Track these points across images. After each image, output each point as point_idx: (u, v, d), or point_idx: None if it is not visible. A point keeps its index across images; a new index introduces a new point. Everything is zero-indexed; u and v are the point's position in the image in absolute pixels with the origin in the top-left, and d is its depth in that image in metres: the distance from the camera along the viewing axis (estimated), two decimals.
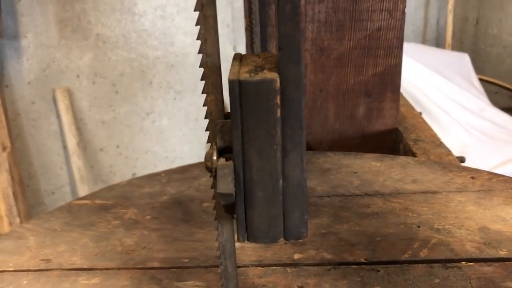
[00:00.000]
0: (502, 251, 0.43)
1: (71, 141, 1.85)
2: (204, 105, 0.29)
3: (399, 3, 0.75)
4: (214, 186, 0.29)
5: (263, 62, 0.27)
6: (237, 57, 0.29)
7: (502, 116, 1.87)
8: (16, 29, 1.74)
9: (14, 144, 1.80)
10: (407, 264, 0.43)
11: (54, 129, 1.89)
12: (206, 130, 0.29)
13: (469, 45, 2.62)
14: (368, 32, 0.76)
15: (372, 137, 0.81)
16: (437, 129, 1.75)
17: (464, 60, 2.10)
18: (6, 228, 1.68)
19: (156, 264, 0.44)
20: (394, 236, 0.47)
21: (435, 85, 1.85)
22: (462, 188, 0.55)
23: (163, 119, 2.06)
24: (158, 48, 1.97)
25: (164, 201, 0.56)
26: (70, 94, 1.86)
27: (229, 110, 0.27)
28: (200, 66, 0.29)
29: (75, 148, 1.86)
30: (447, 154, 0.69)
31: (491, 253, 0.43)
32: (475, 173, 0.59)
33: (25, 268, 0.45)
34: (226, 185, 0.26)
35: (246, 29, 0.83)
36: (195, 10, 0.30)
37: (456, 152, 1.72)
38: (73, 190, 1.99)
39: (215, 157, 0.27)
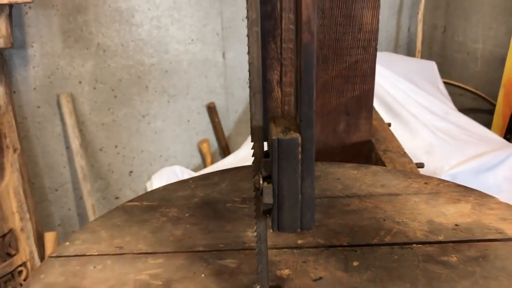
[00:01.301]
0: (441, 236, 0.63)
1: (75, 143, 2.00)
2: (252, 148, 0.47)
3: (372, 42, 0.94)
4: (258, 198, 0.47)
5: (289, 124, 0.45)
6: (271, 119, 0.47)
7: (464, 119, 2.07)
8: (23, 39, 1.87)
9: (21, 145, 1.94)
10: (376, 246, 0.62)
11: (58, 131, 2.03)
12: (252, 163, 0.47)
13: (437, 51, 2.82)
14: (347, 64, 0.95)
15: (350, 148, 1.00)
16: (407, 131, 1.95)
17: (431, 67, 2.30)
18: (17, 223, 1.82)
19: (201, 248, 0.62)
20: (367, 226, 0.66)
21: (405, 91, 2.04)
22: (417, 191, 0.75)
23: (158, 121, 2.22)
24: (154, 56, 2.12)
25: (196, 202, 0.74)
26: (73, 99, 2.00)
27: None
28: (251, 129, 0.47)
29: (78, 149, 2.01)
30: (409, 163, 0.89)
31: (433, 238, 0.63)
32: (428, 179, 0.78)
33: (105, 253, 0.62)
34: (268, 198, 0.45)
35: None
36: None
37: (423, 152, 1.92)
38: (75, 187, 2.14)
39: (261, 181, 0.45)
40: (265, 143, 0.48)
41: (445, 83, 2.63)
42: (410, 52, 2.82)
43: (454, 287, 0.53)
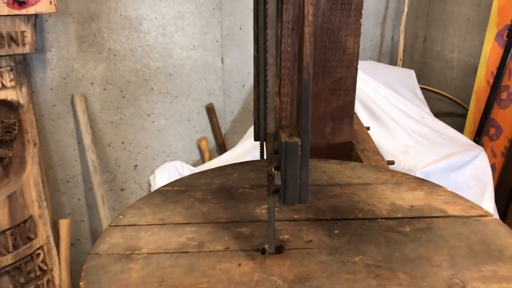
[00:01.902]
0: (399, 214, 0.85)
1: (87, 138, 2.20)
2: (266, 148, 0.69)
3: (353, 62, 1.16)
4: (269, 181, 0.69)
5: (292, 131, 0.67)
6: (280, 128, 0.69)
7: (438, 123, 2.29)
8: (42, 44, 2.06)
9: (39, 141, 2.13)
10: (351, 220, 0.84)
11: (71, 128, 2.23)
12: (266, 158, 0.69)
13: (418, 59, 3.05)
14: (333, 79, 1.17)
15: (335, 147, 1.22)
16: (386, 133, 2.18)
17: (410, 75, 2.52)
18: (36, 210, 2.01)
19: (223, 220, 0.83)
20: (346, 207, 0.88)
21: (385, 97, 2.25)
22: (385, 181, 0.97)
23: (161, 120, 2.42)
24: (159, 60, 2.32)
25: (215, 187, 0.95)
26: (85, 99, 2.20)
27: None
28: (266, 134, 0.68)
29: (90, 144, 2.20)
30: (381, 160, 1.11)
31: (393, 215, 0.85)
32: (393, 173, 1.00)
33: (151, 223, 0.84)
34: (278, 181, 0.66)
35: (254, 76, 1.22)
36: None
37: (400, 152, 2.14)
38: (84, 179, 2.33)
39: (273, 170, 0.67)
40: (255, 142, 0.70)
41: (424, 88, 2.85)
42: (392, 59, 3.05)
43: (405, 247, 0.75)
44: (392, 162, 1.17)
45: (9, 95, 1.85)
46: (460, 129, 2.58)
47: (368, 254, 0.73)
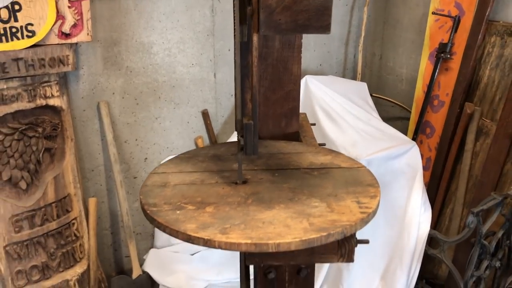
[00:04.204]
0: (313, 166, 1.49)
1: (109, 136, 2.82)
2: (237, 124, 1.33)
3: (297, 81, 1.80)
4: (239, 143, 1.34)
5: (249, 118, 1.32)
6: (245, 117, 1.33)
7: (382, 124, 2.89)
8: (77, 64, 2.70)
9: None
10: (287, 169, 1.47)
11: (96, 128, 2.85)
12: (237, 129, 1.33)
13: (375, 73, 3.68)
14: (285, 91, 1.81)
15: (288, 136, 1.85)
16: (340, 131, 2.81)
17: (363, 87, 3.13)
18: (72, 190, 2.63)
19: (215, 170, 1.47)
20: (284, 163, 1.51)
21: (341, 104, 2.82)
22: (310, 152, 1.61)
23: (166, 122, 3.04)
24: (165, 75, 2.93)
25: (210, 155, 1.59)
26: (108, 105, 2.83)
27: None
28: (236, 120, 1.33)
29: (111, 140, 2.83)
30: (314, 141, 1.75)
31: (309, 167, 1.49)
32: (317, 148, 1.65)
33: (175, 171, 1.47)
34: (242, 142, 1.31)
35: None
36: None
37: (349, 145, 2.80)
38: (106, 169, 2.95)
39: (240, 137, 1.31)
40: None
41: (380, 98, 3.47)
42: (355, 73, 3.67)
43: (311, 181, 1.39)
44: (323, 144, 1.81)
45: (56, 102, 2.48)
46: (407, 130, 3.23)
47: (291, 183, 1.38)
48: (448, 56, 2.83)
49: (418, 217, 2.67)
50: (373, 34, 3.51)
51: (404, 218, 2.68)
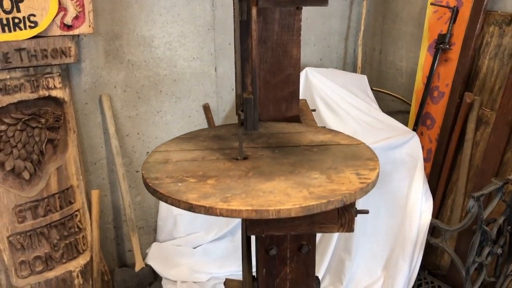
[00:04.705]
0: (313, 144, 1.51)
1: (111, 129, 2.84)
2: (237, 98, 1.35)
3: (297, 64, 1.82)
4: (239, 118, 1.35)
5: (249, 93, 1.34)
6: (246, 92, 1.35)
7: (382, 114, 2.92)
8: (80, 57, 2.72)
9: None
10: (287, 147, 1.49)
11: (98, 121, 2.86)
12: (238, 103, 1.35)
13: (375, 67, 3.70)
14: (284, 75, 1.83)
15: (288, 118, 1.87)
16: (340, 121, 2.83)
17: (363, 79, 3.16)
18: (75, 181, 2.65)
19: (215, 148, 1.49)
20: (285, 141, 1.53)
21: (341, 95, 2.86)
22: (311, 131, 1.63)
23: (168, 116, 3.04)
24: (166, 69, 2.95)
25: (211, 135, 1.61)
26: (110, 98, 2.85)
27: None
28: (237, 95, 1.35)
29: (114, 134, 2.85)
30: (313, 122, 1.77)
31: (310, 144, 1.51)
32: (317, 127, 1.67)
33: (176, 149, 1.49)
34: (242, 117, 1.33)
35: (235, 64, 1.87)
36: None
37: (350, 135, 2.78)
38: (108, 162, 2.97)
39: (240, 112, 1.33)
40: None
41: (380, 91, 3.50)
42: (354, 68, 3.69)
43: (311, 156, 1.41)
44: (324, 127, 1.83)
45: (58, 93, 2.50)
46: (407, 123, 3.24)
47: (291, 158, 1.39)
48: (447, 47, 2.85)
49: (420, 206, 2.68)
50: (372, 29, 3.53)
51: (406, 207, 2.69)
